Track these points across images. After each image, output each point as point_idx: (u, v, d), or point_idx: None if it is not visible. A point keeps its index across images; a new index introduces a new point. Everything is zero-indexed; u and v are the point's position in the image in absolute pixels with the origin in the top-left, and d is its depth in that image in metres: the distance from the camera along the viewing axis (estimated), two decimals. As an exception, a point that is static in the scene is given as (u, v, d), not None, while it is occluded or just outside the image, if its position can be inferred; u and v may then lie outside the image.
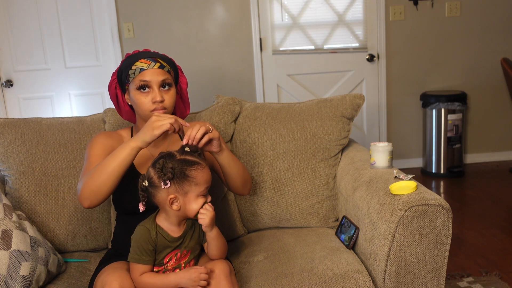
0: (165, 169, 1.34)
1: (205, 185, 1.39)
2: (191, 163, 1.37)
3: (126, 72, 1.60)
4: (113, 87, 1.68)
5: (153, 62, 1.59)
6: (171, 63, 1.66)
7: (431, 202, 1.45)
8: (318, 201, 1.93)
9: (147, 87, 1.57)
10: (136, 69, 1.58)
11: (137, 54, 1.62)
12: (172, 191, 1.36)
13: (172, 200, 1.36)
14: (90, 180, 1.47)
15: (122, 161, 1.45)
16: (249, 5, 4.07)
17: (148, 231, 1.39)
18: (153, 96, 1.57)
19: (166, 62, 1.62)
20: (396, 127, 4.37)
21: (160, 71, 1.59)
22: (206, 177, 1.39)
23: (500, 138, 4.45)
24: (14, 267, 1.45)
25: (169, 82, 1.60)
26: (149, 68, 1.57)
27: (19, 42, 3.92)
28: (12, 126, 1.89)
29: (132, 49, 4.01)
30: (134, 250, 1.39)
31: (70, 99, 4.08)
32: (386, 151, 1.78)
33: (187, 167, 1.36)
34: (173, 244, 1.41)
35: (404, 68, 4.27)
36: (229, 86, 4.16)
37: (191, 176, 1.36)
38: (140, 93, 1.58)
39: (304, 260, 1.62)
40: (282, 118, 2.01)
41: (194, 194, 1.37)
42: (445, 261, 1.49)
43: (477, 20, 4.22)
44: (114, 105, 1.74)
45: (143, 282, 1.38)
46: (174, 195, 1.36)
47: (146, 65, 1.58)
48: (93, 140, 1.66)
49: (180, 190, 1.36)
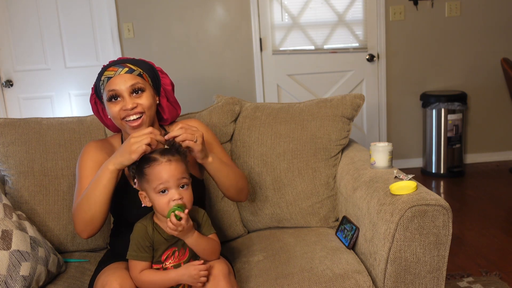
0: (130, 167, 1.41)
1: (158, 182, 1.35)
2: (148, 161, 1.38)
3: (98, 84, 1.56)
4: (93, 102, 1.65)
5: (120, 68, 1.52)
6: (145, 66, 1.57)
7: (431, 202, 1.45)
8: (318, 201, 1.93)
9: (118, 96, 1.50)
10: (105, 78, 1.53)
11: (108, 64, 1.57)
12: (139, 188, 1.42)
13: (143, 197, 1.41)
14: (81, 213, 1.46)
15: (104, 187, 1.42)
16: (249, 5, 4.07)
17: (145, 227, 1.41)
18: (123, 104, 1.50)
19: (136, 65, 1.54)
20: (396, 127, 4.37)
21: (128, 76, 1.51)
22: (159, 174, 1.35)
23: (500, 138, 4.45)
24: (14, 267, 1.45)
25: (140, 86, 1.52)
26: (116, 75, 1.51)
27: (19, 42, 3.92)
28: (12, 126, 1.89)
29: (132, 49, 4.03)
30: (132, 247, 1.40)
31: (70, 99, 4.08)
32: (386, 151, 1.78)
33: (144, 165, 1.38)
34: (169, 241, 1.42)
35: (404, 68, 4.26)
36: (229, 86, 4.16)
37: (145, 173, 1.37)
38: (111, 104, 1.52)
39: (304, 260, 1.62)
40: (282, 118, 2.01)
41: (151, 191, 1.37)
42: (445, 261, 1.49)
43: (477, 20, 4.22)
44: (99, 119, 1.70)
45: (143, 279, 1.38)
46: (143, 192, 1.41)
47: (113, 72, 1.52)
48: (83, 155, 1.61)
49: (142, 187, 1.40)
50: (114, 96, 1.51)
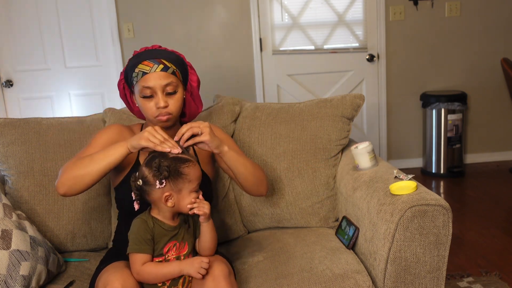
0: (161, 168, 1.36)
1: (197, 181, 1.42)
2: (184, 161, 1.39)
3: (131, 74, 1.57)
4: (121, 87, 1.66)
5: (155, 64, 1.54)
6: (178, 61, 1.60)
7: (431, 202, 1.45)
8: (318, 201, 1.93)
9: (152, 93, 1.54)
10: (139, 72, 1.54)
11: (142, 54, 1.58)
12: (167, 189, 1.39)
13: (167, 197, 1.39)
14: (74, 168, 1.46)
15: (111, 160, 1.45)
16: (249, 5, 4.07)
17: (145, 221, 1.42)
18: (156, 101, 1.54)
19: (171, 62, 1.57)
20: (396, 127, 4.37)
21: (163, 75, 1.54)
22: (197, 174, 1.42)
23: (500, 138, 4.45)
24: (14, 266, 1.45)
25: (174, 85, 1.55)
26: (151, 72, 1.53)
27: (19, 42, 3.92)
28: (12, 126, 1.89)
29: (132, 49, 4.00)
30: (133, 241, 1.40)
31: (70, 99, 4.08)
32: (365, 153, 1.78)
33: (181, 165, 1.38)
34: (170, 233, 1.43)
35: (404, 68, 4.27)
36: (229, 86, 4.16)
37: (185, 173, 1.38)
38: (145, 100, 1.55)
39: (303, 260, 1.62)
40: (282, 118, 2.01)
41: (187, 190, 1.40)
42: (445, 261, 1.49)
43: (477, 20, 4.22)
44: (125, 103, 1.72)
45: (146, 272, 1.38)
46: (169, 193, 1.39)
47: (148, 68, 1.53)
48: (103, 130, 1.65)
49: (175, 188, 1.39)
50: (148, 92, 1.54)
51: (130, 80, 1.59)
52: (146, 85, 1.53)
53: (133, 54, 1.62)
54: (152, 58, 1.55)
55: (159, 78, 1.53)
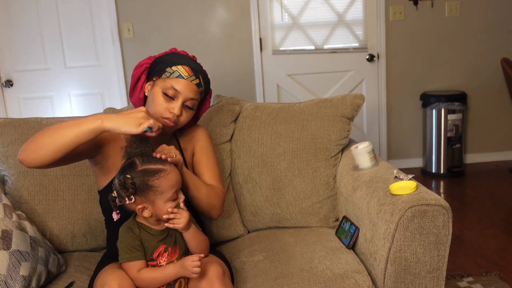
0: (126, 185, 1.32)
1: (173, 189, 1.37)
2: (153, 173, 1.34)
3: (164, 67, 1.56)
4: (141, 69, 1.63)
5: (194, 76, 1.56)
6: (207, 86, 1.64)
7: (431, 202, 1.45)
8: (318, 201, 1.93)
9: (175, 96, 1.53)
10: (176, 71, 1.54)
11: (185, 58, 1.59)
12: (139, 202, 1.36)
13: (142, 210, 1.37)
14: (41, 135, 1.36)
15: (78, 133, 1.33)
16: (249, 5, 4.07)
17: (131, 228, 1.40)
18: (174, 106, 1.52)
19: (205, 83, 1.60)
20: (396, 127, 4.37)
21: (195, 89, 1.56)
22: (171, 182, 1.36)
23: (500, 138, 4.45)
24: (14, 267, 1.45)
25: (195, 103, 1.57)
26: (187, 79, 1.54)
27: (19, 42, 3.92)
28: (12, 126, 1.89)
29: (132, 49, 4.03)
30: (123, 250, 1.39)
31: (70, 99, 4.08)
32: (366, 152, 1.78)
33: (149, 178, 1.34)
34: (158, 237, 1.41)
35: (404, 68, 4.27)
36: (229, 86, 4.16)
37: (155, 185, 1.34)
38: (165, 98, 1.53)
39: (303, 260, 1.62)
40: (282, 118, 2.01)
41: (161, 201, 1.36)
42: (445, 261, 1.49)
43: (477, 20, 4.22)
44: (131, 85, 1.66)
45: (143, 278, 1.38)
46: (142, 205, 1.36)
47: (187, 74, 1.54)
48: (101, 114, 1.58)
49: (147, 200, 1.36)
50: (172, 94, 1.52)
51: (157, 70, 1.57)
52: (175, 87, 1.53)
53: (171, 50, 1.62)
54: (193, 68, 1.57)
55: (190, 89, 1.55)
